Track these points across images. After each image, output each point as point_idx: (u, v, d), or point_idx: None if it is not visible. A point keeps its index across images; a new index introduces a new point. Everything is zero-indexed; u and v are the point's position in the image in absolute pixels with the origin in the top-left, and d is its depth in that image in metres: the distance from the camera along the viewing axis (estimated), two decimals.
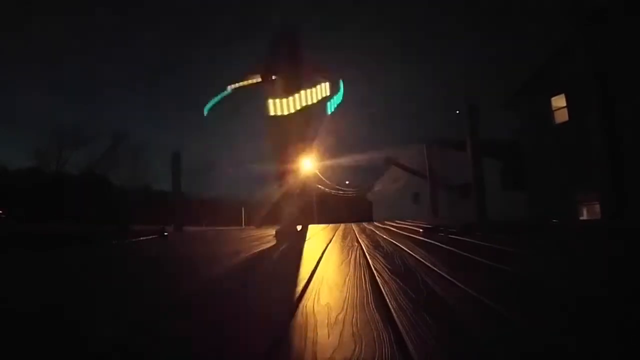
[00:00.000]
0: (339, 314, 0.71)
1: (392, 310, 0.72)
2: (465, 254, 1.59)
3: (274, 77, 3.08)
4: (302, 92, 2.92)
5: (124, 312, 0.81)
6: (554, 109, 9.79)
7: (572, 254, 1.63)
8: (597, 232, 2.68)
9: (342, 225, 4.85)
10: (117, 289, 1.11)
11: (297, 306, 0.78)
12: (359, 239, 2.48)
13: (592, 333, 0.60)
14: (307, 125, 3.06)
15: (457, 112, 5.96)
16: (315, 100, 2.96)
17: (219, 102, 3.25)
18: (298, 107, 2.89)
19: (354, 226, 4.50)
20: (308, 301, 0.82)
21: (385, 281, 1.01)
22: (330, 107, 3.06)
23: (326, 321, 0.67)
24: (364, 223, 5.77)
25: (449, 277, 1.04)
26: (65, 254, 2.24)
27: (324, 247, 2.02)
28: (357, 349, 0.53)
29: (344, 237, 2.77)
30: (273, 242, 2.49)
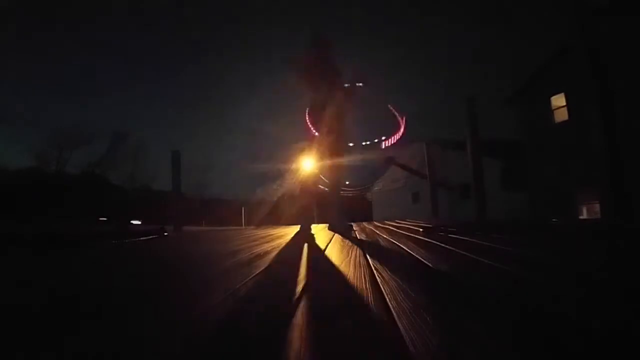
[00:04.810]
0: (339, 313, 0.71)
1: (392, 310, 0.72)
2: (464, 253, 1.60)
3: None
4: None
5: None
6: (553, 108, 9.80)
7: (570, 254, 1.63)
8: (595, 232, 2.68)
9: None
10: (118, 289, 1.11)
11: (297, 305, 0.78)
12: (359, 239, 2.48)
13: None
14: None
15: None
16: None
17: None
18: None
19: (354, 226, 4.50)
20: (308, 300, 0.82)
21: (385, 280, 1.01)
22: None
23: (326, 320, 0.67)
24: (364, 223, 5.77)
25: (447, 277, 1.04)
26: (65, 254, 2.24)
27: (324, 247, 2.02)
28: (356, 348, 0.54)
29: (344, 237, 2.78)
30: (273, 242, 2.49)
